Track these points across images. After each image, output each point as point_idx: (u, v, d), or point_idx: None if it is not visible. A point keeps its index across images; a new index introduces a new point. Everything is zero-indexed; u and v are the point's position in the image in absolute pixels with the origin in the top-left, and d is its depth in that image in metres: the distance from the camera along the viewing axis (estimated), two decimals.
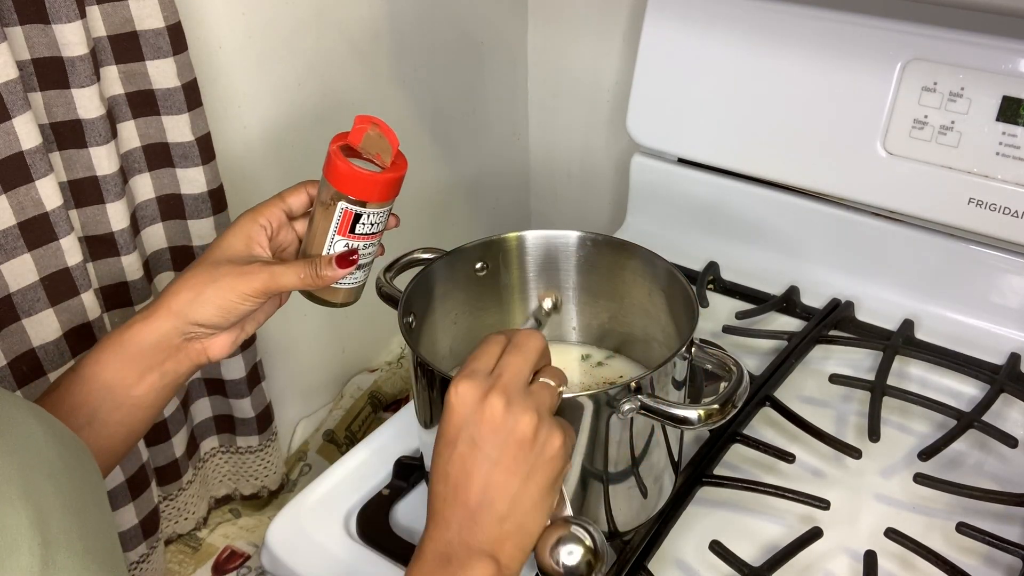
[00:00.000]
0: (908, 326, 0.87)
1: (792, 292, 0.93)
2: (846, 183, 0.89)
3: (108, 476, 0.80)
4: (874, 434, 0.74)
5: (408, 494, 0.74)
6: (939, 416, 0.77)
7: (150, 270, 0.84)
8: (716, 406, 0.56)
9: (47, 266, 0.72)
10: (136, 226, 0.81)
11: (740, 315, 0.90)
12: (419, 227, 1.17)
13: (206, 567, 0.96)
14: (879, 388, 0.78)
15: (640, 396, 0.57)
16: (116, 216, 0.76)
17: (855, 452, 0.72)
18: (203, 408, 0.95)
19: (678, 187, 1.02)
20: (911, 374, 0.84)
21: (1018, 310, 0.85)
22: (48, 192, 0.69)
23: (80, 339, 0.75)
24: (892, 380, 0.80)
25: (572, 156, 1.28)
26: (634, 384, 0.58)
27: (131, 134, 0.78)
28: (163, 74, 0.76)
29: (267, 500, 1.03)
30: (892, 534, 0.66)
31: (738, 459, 0.75)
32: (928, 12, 0.82)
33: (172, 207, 0.84)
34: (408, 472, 0.74)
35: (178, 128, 0.79)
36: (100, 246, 0.78)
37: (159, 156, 0.80)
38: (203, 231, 0.84)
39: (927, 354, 0.83)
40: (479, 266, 0.74)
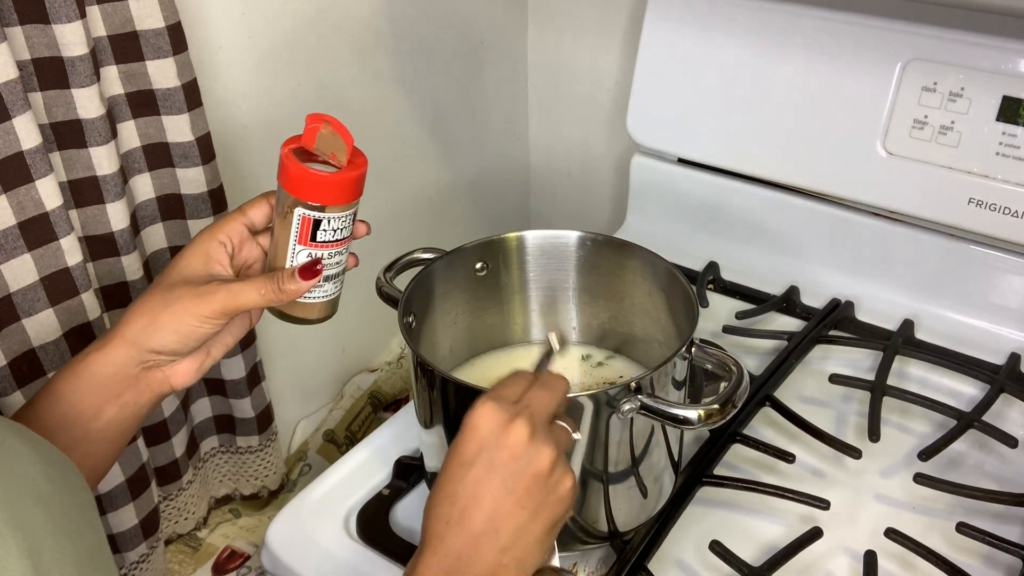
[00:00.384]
0: (908, 326, 0.87)
1: (792, 292, 0.93)
2: (846, 183, 0.89)
3: (108, 475, 0.80)
4: (874, 434, 0.74)
5: (408, 494, 0.74)
6: (939, 416, 0.77)
7: (150, 270, 0.84)
8: (716, 406, 0.56)
9: (47, 266, 0.72)
10: (136, 226, 0.81)
11: (740, 315, 0.90)
12: (419, 227, 1.17)
13: (206, 567, 0.96)
14: (879, 388, 0.78)
15: (640, 396, 0.57)
16: (116, 216, 0.76)
17: (855, 452, 0.72)
18: (203, 408, 0.95)
19: (678, 187, 1.02)
20: (911, 374, 0.84)
21: (1018, 310, 0.85)
22: (48, 192, 0.69)
23: (80, 339, 0.75)
24: (892, 380, 0.80)
25: (572, 156, 1.28)
26: (634, 384, 0.58)
27: (131, 134, 0.78)
28: (163, 74, 0.76)
29: (267, 500, 1.03)
30: (892, 534, 0.66)
31: (738, 459, 0.75)
32: (928, 12, 0.82)
33: (172, 207, 0.83)
34: (408, 472, 0.74)
35: (178, 128, 0.79)
36: (100, 246, 0.78)
37: (159, 156, 0.80)
38: None
39: (927, 354, 0.83)
40: (479, 266, 0.74)
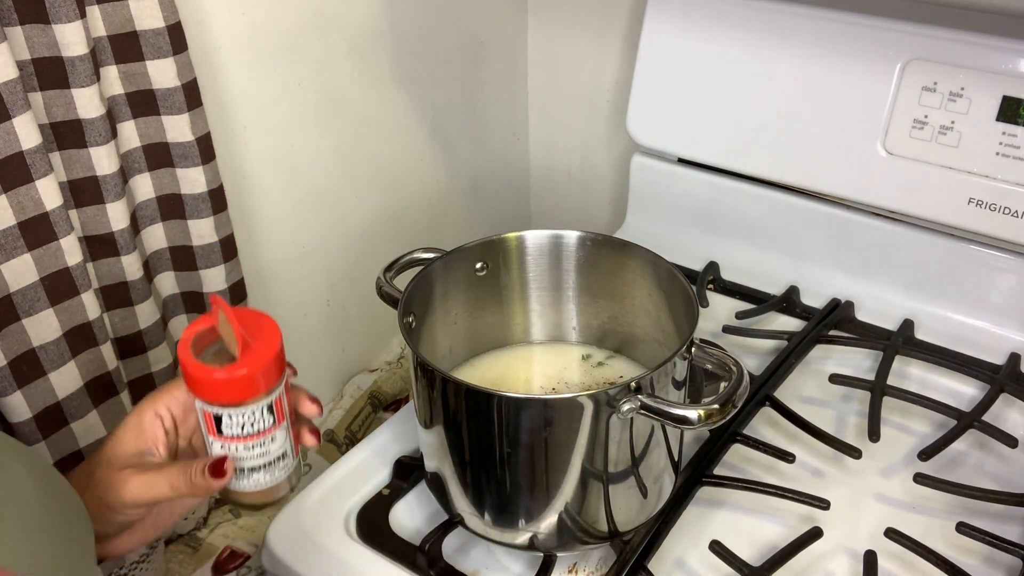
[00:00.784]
0: (908, 326, 0.87)
1: (792, 292, 0.93)
2: (846, 183, 0.89)
3: None
4: (874, 434, 0.74)
5: (408, 494, 0.74)
6: (939, 416, 0.77)
7: (150, 270, 0.84)
8: (716, 406, 0.56)
9: (47, 266, 0.72)
10: (136, 226, 0.81)
11: (740, 315, 0.90)
12: (419, 227, 1.17)
13: (206, 567, 0.96)
14: (879, 388, 0.78)
15: (640, 396, 0.57)
16: (116, 216, 0.76)
17: (855, 452, 0.72)
18: None
19: (678, 187, 1.02)
20: (911, 374, 0.84)
21: (1018, 310, 0.85)
22: (48, 192, 0.69)
23: (80, 339, 0.75)
24: (892, 380, 0.80)
25: (572, 156, 1.28)
26: (634, 384, 0.58)
27: (131, 134, 0.78)
28: (163, 74, 0.76)
29: None
30: (892, 534, 0.66)
31: (738, 459, 0.75)
32: (928, 12, 0.82)
33: (172, 207, 0.83)
34: (408, 472, 0.74)
35: (178, 128, 0.79)
36: (100, 246, 0.78)
37: (159, 156, 0.80)
38: (203, 231, 0.84)
39: (927, 354, 0.83)
40: (479, 266, 0.74)
